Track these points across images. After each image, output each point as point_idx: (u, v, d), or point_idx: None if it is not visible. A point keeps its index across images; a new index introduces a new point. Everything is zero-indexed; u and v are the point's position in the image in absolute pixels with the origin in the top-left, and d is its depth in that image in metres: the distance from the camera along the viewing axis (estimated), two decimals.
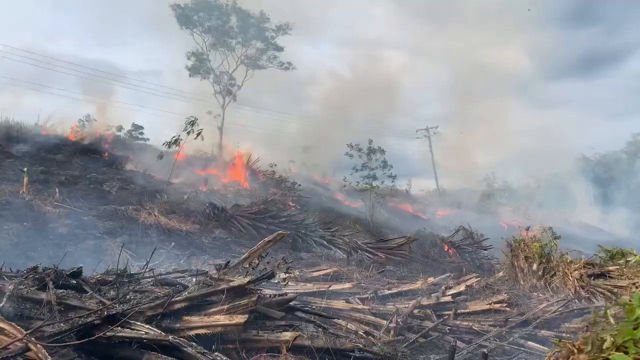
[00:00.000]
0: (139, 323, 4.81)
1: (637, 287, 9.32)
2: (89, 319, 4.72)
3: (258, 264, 6.93)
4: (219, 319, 4.96)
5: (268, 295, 6.13)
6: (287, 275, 8.15)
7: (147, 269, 6.49)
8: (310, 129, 53.29)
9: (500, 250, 14.01)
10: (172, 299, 5.09)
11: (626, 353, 2.86)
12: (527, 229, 15.75)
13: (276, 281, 8.05)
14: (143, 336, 4.64)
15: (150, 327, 4.76)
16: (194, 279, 6.49)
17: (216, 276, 6.02)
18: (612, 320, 3.46)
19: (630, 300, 3.07)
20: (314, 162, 52.26)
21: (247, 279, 5.39)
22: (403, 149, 66.08)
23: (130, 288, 5.70)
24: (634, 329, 2.87)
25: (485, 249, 22.01)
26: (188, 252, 13.47)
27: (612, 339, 2.96)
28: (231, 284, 5.28)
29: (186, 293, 5.30)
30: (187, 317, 5.07)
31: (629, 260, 10.99)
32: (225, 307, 5.03)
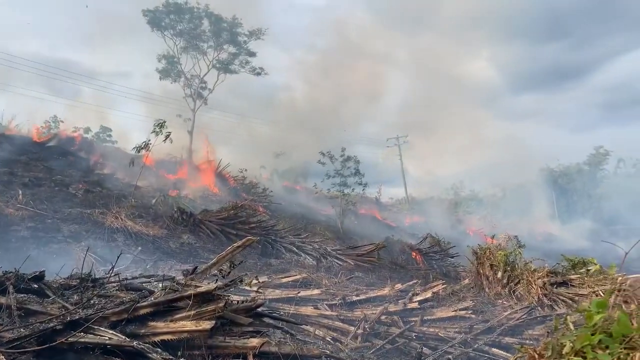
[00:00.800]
0: (102, 328, 4.72)
1: (597, 296, 9.58)
2: (51, 324, 4.61)
3: (229, 272, 6.88)
4: (185, 324, 4.91)
5: (236, 301, 6.09)
6: (256, 281, 8.11)
7: (113, 274, 6.37)
8: (281, 135, 53.28)
9: (466, 258, 14.23)
10: (138, 304, 5.02)
11: (584, 358, 2.96)
12: (493, 237, 16.07)
13: (244, 287, 8.00)
14: (107, 342, 4.56)
15: (114, 333, 4.68)
16: (161, 284, 6.41)
17: (183, 282, 5.96)
18: (571, 327, 3.57)
19: (588, 308, 3.18)
20: (285, 168, 52.27)
21: (214, 285, 5.35)
22: (373, 156, 66.69)
23: (95, 293, 5.59)
24: (592, 334, 2.97)
25: (452, 257, 22.33)
26: (155, 257, 13.28)
27: (571, 344, 3.05)
28: (198, 289, 5.23)
29: (152, 298, 5.23)
30: (152, 323, 5.00)
31: (590, 270, 11.30)
32: (192, 313, 4.98)
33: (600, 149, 76.12)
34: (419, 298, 9.75)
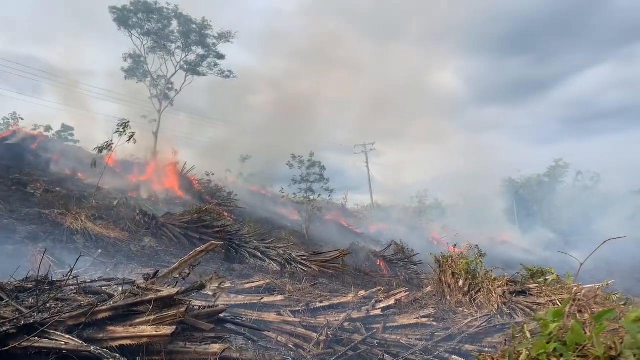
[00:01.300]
0: (58, 333, 4.59)
1: (554, 304, 9.84)
2: (3, 328, 4.45)
3: (189, 274, 6.79)
4: (145, 329, 4.81)
5: (197, 307, 6.01)
6: (219, 286, 8.02)
7: (71, 277, 6.20)
8: (248, 139, 53.00)
9: (429, 266, 14.42)
10: (96, 308, 4.90)
11: None
12: (455, 245, 16.32)
13: (207, 292, 7.90)
14: (62, 347, 4.43)
15: (70, 337, 4.55)
16: (121, 288, 6.27)
17: (144, 286, 5.85)
18: (528, 335, 3.66)
19: (545, 317, 3.26)
20: (251, 172, 51.98)
21: (176, 290, 5.27)
22: (341, 163, 67.04)
23: (51, 296, 5.43)
24: (547, 342, 3.04)
25: (415, 264, 22.61)
26: (115, 260, 12.98)
27: (527, 352, 3.13)
28: (159, 294, 5.14)
29: (111, 302, 5.11)
30: (111, 328, 4.89)
31: (548, 279, 11.60)
32: (152, 317, 4.89)
33: (560, 161, 78.70)
34: (381, 305, 9.81)
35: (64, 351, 4.42)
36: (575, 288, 8.97)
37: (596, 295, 8.56)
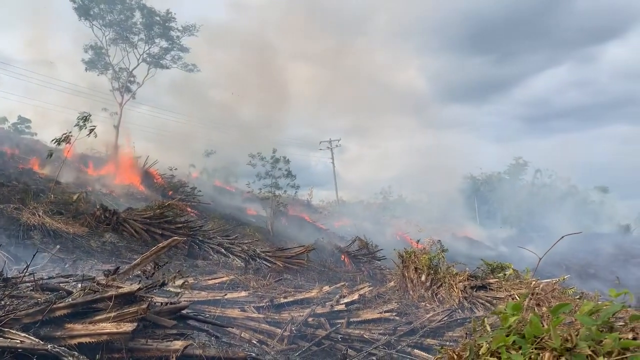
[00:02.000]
0: (13, 331, 4.45)
1: (513, 299, 10.09)
2: None
3: (153, 273, 6.68)
4: (105, 326, 4.71)
5: (159, 303, 5.91)
6: (181, 282, 7.92)
7: (27, 273, 6.01)
8: (213, 133, 52.39)
9: (392, 261, 14.57)
10: (54, 306, 4.76)
11: (499, 358, 3.10)
12: (418, 241, 16.56)
13: (169, 288, 7.79)
14: (18, 345, 4.29)
15: (26, 336, 4.41)
16: (80, 285, 6.11)
17: (104, 282, 5.72)
18: (488, 328, 3.74)
19: (504, 310, 3.34)
20: (216, 167, 51.45)
21: (137, 286, 5.18)
22: (306, 159, 67.11)
23: (6, 293, 5.25)
24: (507, 335, 3.12)
25: (379, 260, 22.82)
26: (74, 256, 12.64)
27: (487, 345, 3.19)
28: (120, 290, 5.04)
29: (70, 299, 4.98)
30: (69, 325, 4.76)
31: (507, 274, 11.90)
32: (113, 314, 4.78)
33: (520, 159, 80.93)
34: (345, 300, 9.87)
35: (19, 350, 4.29)
36: (534, 283, 9.23)
37: (553, 290, 8.83)
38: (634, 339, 3.04)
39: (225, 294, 9.47)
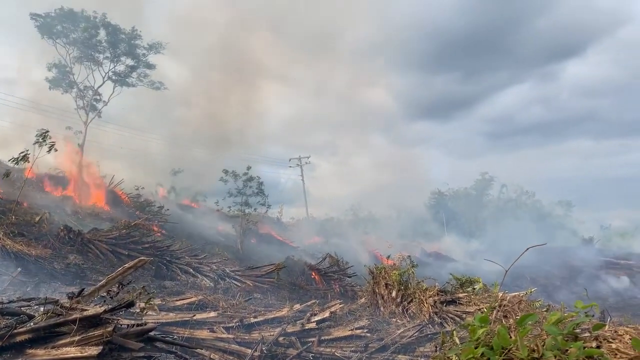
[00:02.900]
0: None
1: (482, 312, 10.20)
2: None
3: (117, 293, 6.51)
4: (68, 351, 4.56)
5: (126, 325, 5.76)
6: (148, 304, 7.74)
7: None
8: (180, 152, 51.82)
9: (363, 278, 14.59)
10: (14, 331, 4.59)
11: None
12: (388, 257, 16.65)
13: (136, 310, 7.61)
14: None
15: None
16: (42, 308, 5.91)
17: (68, 305, 5.54)
18: (457, 341, 3.78)
19: (473, 323, 3.38)
20: (183, 186, 50.82)
21: (102, 308, 5.04)
22: (276, 176, 67.00)
23: None
24: (475, 347, 3.15)
25: (350, 276, 22.80)
26: (37, 279, 12.25)
27: (457, 357, 3.22)
28: (84, 313, 4.90)
29: (31, 324, 4.81)
30: (31, 350, 4.60)
31: (476, 288, 12.06)
32: (77, 338, 4.64)
33: (485, 174, 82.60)
34: (316, 318, 9.81)
35: None
36: (501, 295, 9.35)
37: (520, 302, 8.97)
38: (598, 347, 3.12)
39: (194, 315, 9.30)
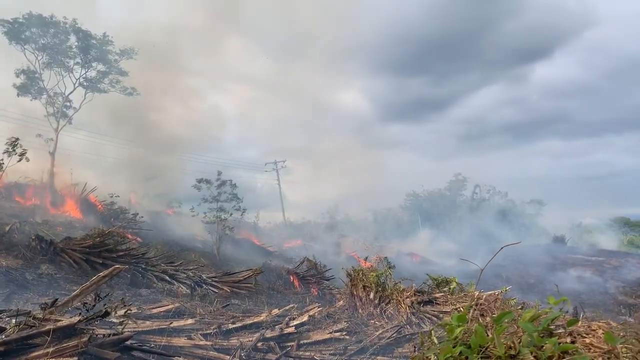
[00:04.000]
0: None
1: (459, 312, 10.31)
2: None
3: (95, 305, 6.39)
4: None
5: (102, 335, 5.67)
6: (124, 312, 7.62)
7: None
8: (154, 158, 51.22)
9: (341, 280, 14.62)
10: None
11: None
12: (366, 259, 16.71)
13: (112, 319, 7.48)
14: None
15: None
16: (14, 320, 5.77)
17: (41, 316, 5.42)
18: (435, 341, 3.81)
19: (450, 322, 3.41)
20: (158, 192, 50.24)
21: (77, 318, 4.95)
22: (252, 181, 66.74)
23: None
24: (453, 347, 3.19)
25: (328, 279, 22.81)
26: (8, 290, 11.94)
27: (435, 357, 3.25)
28: (58, 324, 4.80)
29: (3, 336, 4.69)
30: None
31: (452, 287, 12.20)
32: (51, 349, 4.55)
33: (459, 175, 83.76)
34: (295, 322, 9.79)
35: None
36: (477, 294, 9.47)
37: (496, 300, 9.10)
38: (572, 342, 3.19)
39: (171, 323, 9.19)
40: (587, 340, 3.22)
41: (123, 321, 7.09)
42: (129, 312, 6.73)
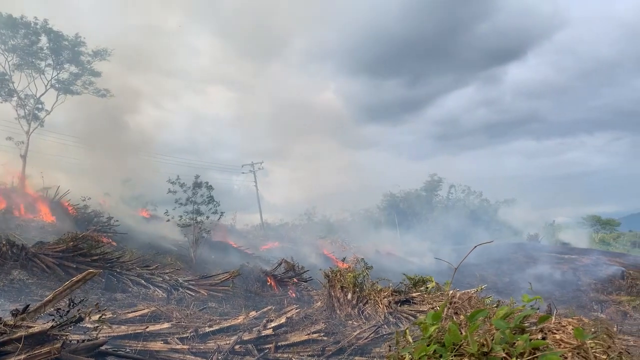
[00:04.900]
0: None
1: (435, 311, 10.42)
2: None
3: (69, 311, 6.28)
4: None
5: (76, 341, 5.58)
6: (99, 317, 7.51)
7: None
8: (129, 160, 50.52)
9: (319, 282, 14.64)
10: None
11: None
12: (343, 260, 16.77)
13: (86, 325, 7.36)
14: None
15: None
16: None
17: (12, 323, 5.32)
18: (410, 340, 3.86)
19: (424, 320, 3.46)
20: (133, 195, 49.58)
21: (50, 324, 4.87)
22: (228, 183, 66.37)
23: None
24: (428, 345, 3.23)
25: (306, 281, 22.81)
26: None
27: (410, 356, 3.29)
28: (30, 330, 4.72)
29: None
30: None
31: (428, 287, 12.32)
32: (23, 357, 4.46)
33: (435, 176, 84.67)
34: (273, 324, 9.77)
35: None
36: (451, 292, 9.60)
37: (470, 297, 9.23)
38: (543, 338, 3.26)
39: (147, 327, 9.08)
40: (558, 336, 3.29)
41: (97, 326, 6.98)
42: (103, 316, 6.65)
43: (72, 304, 6.38)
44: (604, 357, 3.23)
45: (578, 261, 43.17)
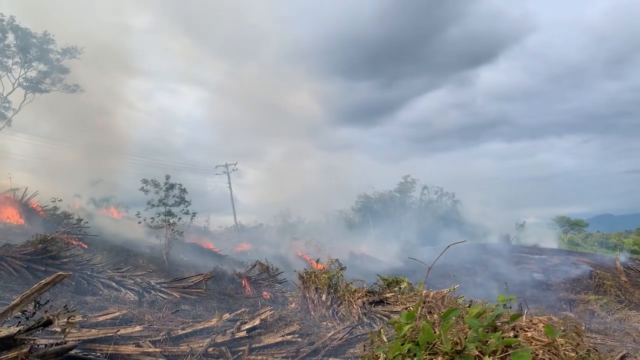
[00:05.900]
0: None
1: (409, 311, 10.50)
2: None
3: (35, 313, 6.12)
4: None
5: (44, 345, 5.44)
6: (68, 321, 7.34)
7: None
8: (99, 161, 49.57)
9: (293, 283, 14.61)
10: None
11: None
12: (318, 261, 16.78)
13: (55, 329, 7.19)
14: None
15: None
16: None
17: None
18: (385, 339, 3.87)
19: (399, 320, 3.48)
20: (104, 196, 48.73)
21: (17, 329, 4.74)
22: (202, 184, 65.79)
23: None
24: (402, 344, 3.25)
25: (280, 282, 22.77)
26: None
27: (384, 355, 3.31)
28: None
29: None
30: None
31: (402, 287, 12.42)
32: None
33: (408, 177, 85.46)
34: (247, 326, 9.70)
35: None
36: (425, 292, 9.68)
37: (444, 297, 9.33)
38: (515, 336, 3.31)
39: (118, 330, 8.93)
40: (529, 334, 3.35)
41: (66, 329, 6.82)
42: (72, 319, 6.49)
43: (38, 305, 6.22)
44: (573, 354, 3.30)
45: (548, 261, 43.98)
